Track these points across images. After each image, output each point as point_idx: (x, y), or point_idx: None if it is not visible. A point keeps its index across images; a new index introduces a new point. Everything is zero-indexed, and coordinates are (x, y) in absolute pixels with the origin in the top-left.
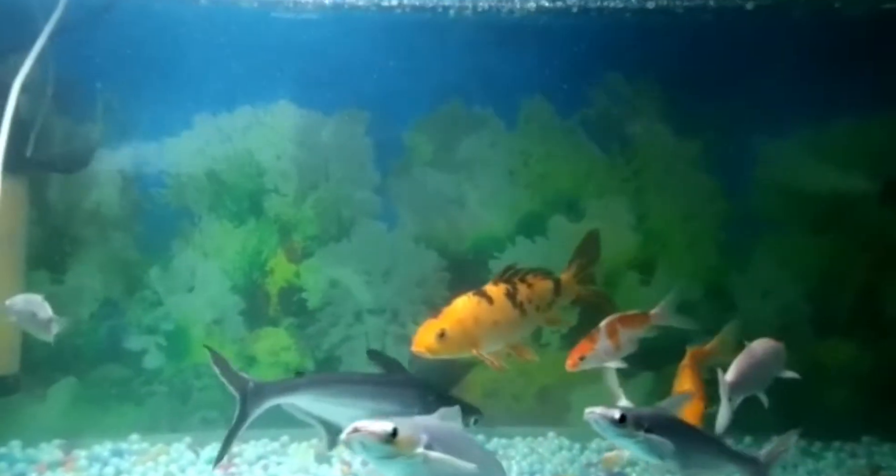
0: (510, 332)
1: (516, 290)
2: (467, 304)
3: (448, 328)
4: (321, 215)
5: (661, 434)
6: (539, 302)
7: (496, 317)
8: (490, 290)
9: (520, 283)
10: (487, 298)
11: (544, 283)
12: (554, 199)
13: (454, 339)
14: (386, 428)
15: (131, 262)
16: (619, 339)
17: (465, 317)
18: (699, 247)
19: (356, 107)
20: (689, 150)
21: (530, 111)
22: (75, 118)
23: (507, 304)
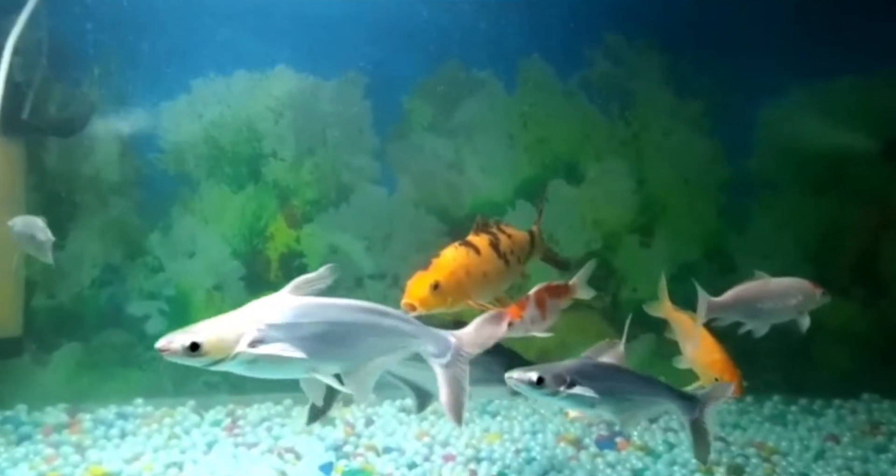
0: (497, 283)
1: (499, 240)
2: (457, 255)
3: (442, 280)
4: (320, 180)
5: (586, 384)
6: (519, 253)
7: (485, 267)
8: (475, 241)
9: (500, 233)
10: (475, 249)
11: (521, 234)
12: (553, 163)
13: (449, 290)
14: (185, 342)
15: (131, 228)
16: (546, 308)
17: (456, 268)
18: (699, 209)
19: (354, 71)
20: (690, 112)
21: (529, 73)
22: (71, 82)
23: (493, 254)
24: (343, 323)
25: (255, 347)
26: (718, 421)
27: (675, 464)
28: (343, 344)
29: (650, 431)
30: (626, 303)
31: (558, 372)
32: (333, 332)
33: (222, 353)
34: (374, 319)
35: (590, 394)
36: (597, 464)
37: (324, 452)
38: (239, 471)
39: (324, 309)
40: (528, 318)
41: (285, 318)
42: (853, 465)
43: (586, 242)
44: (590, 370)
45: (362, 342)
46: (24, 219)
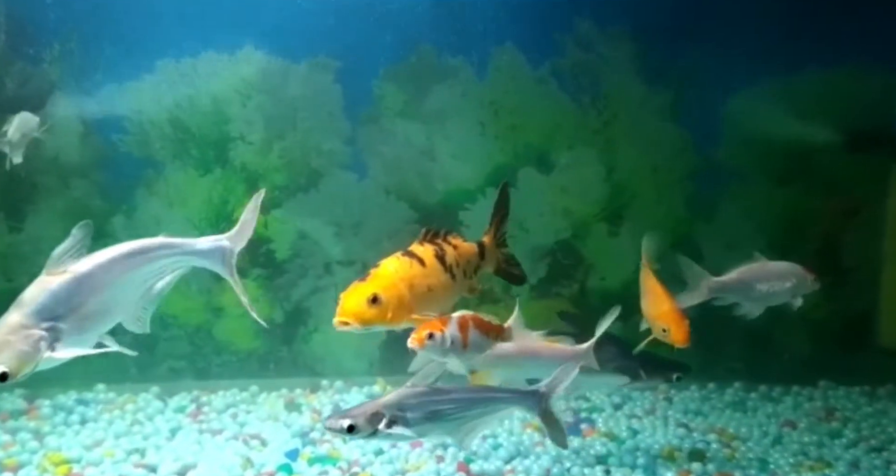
0: (443, 298)
1: (444, 252)
2: (400, 266)
3: (382, 292)
4: (289, 165)
5: (409, 414)
6: (466, 266)
7: (430, 280)
8: (420, 251)
9: (445, 244)
10: (419, 260)
11: (468, 246)
12: (524, 151)
13: (389, 305)
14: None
15: (94, 211)
16: (468, 335)
17: (398, 280)
18: (667, 198)
19: (325, 54)
20: (660, 102)
21: (501, 60)
22: (30, 59)
23: (439, 266)
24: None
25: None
26: (682, 408)
27: (639, 449)
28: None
29: (615, 418)
30: (594, 291)
31: (374, 411)
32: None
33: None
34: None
35: (407, 433)
36: (562, 450)
37: (290, 439)
38: (203, 457)
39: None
40: (448, 335)
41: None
42: (809, 449)
43: (556, 231)
44: (411, 400)
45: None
46: (24, 116)
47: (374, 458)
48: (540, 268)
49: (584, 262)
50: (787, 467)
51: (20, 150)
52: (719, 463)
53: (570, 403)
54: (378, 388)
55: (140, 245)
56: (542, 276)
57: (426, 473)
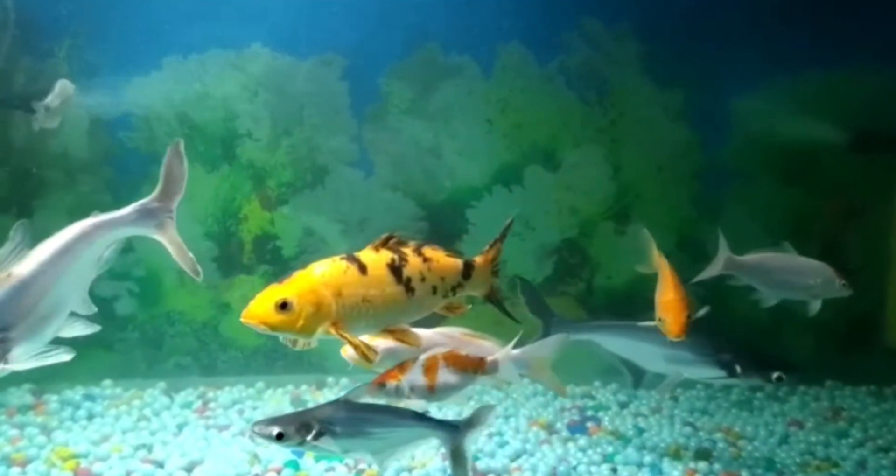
0: (390, 314)
1: (404, 262)
2: (329, 270)
3: (293, 298)
4: (296, 162)
5: (338, 428)
6: (438, 283)
7: (369, 291)
8: (366, 257)
9: (412, 253)
10: (359, 266)
11: (448, 261)
12: (531, 149)
13: (301, 312)
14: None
15: (100, 207)
16: (436, 377)
17: (320, 286)
18: (673, 198)
19: (331, 51)
20: (667, 100)
21: (508, 58)
22: (40, 55)
23: (388, 277)
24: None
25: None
26: (688, 407)
27: (645, 448)
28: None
29: (621, 416)
30: (601, 290)
31: (305, 420)
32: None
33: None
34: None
35: (333, 448)
36: (568, 448)
37: None
38: (210, 453)
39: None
40: (405, 385)
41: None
42: (815, 449)
43: (562, 229)
44: (342, 414)
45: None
46: (64, 84)
47: None
48: (546, 266)
49: (591, 260)
50: (794, 467)
51: (57, 117)
52: (726, 462)
53: (577, 402)
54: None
55: (76, 232)
56: (549, 274)
57: (433, 471)
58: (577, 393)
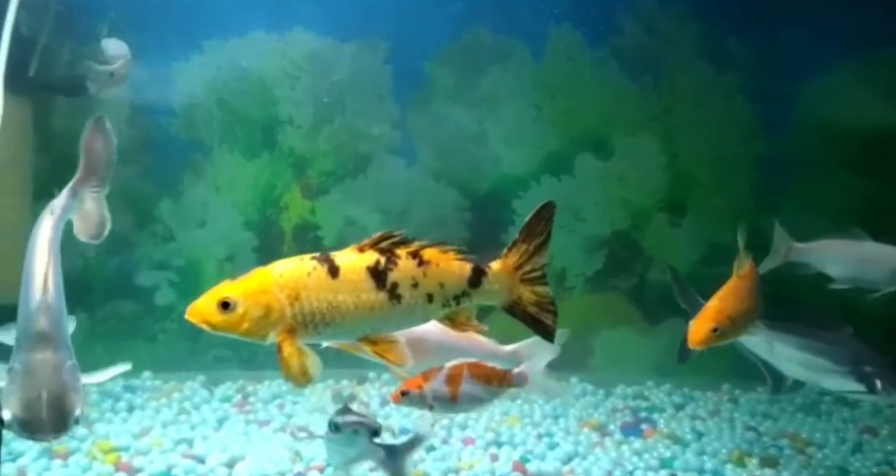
0: (362, 322)
1: (391, 266)
2: (290, 271)
3: (239, 298)
4: (337, 150)
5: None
6: (436, 290)
7: (339, 297)
8: (342, 258)
9: (406, 256)
10: (330, 267)
11: (452, 265)
12: (581, 137)
13: (246, 314)
14: None
15: (141, 195)
16: (459, 388)
17: (275, 287)
18: (732, 187)
19: (375, 35)
20: (726, 85)
21: (558, 41)
22: (79, 40)
23: (366, 282)
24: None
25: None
26: (749, 410)
27: (705, 453)
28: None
29: (677, 419)
30: (653, 285)
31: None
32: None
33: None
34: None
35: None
36: (623, 451)
37: None
38: (251, 449)
39: None
40: (428, 393)
41: None
42: (893, 459)
43: (613, 220)
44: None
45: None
46: (117, 44)
47: (426, 454)
48: (596, 259)
49: (643, 254)
50: None
51: (123, 81)
52: (794, 470)
53: (629, 402)
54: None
55: (51, 234)
56: (598, 268)
57: (480, 473)
58: (628, 393)
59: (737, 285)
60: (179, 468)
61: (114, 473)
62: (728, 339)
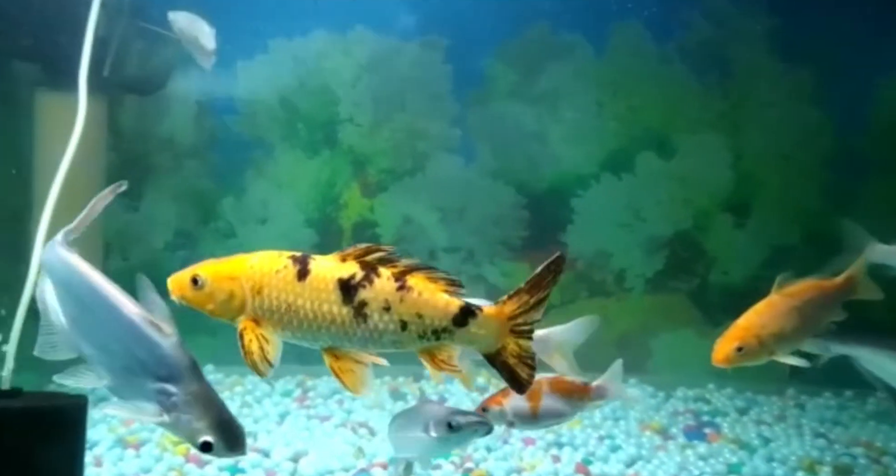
0: (320, 332)
1: (366, 283)
2: (260, 264)
3: (209, 278)
4: (396, 148)
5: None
6: (413, 320)
7: (297, 300)
8: (317, 263)
9: (389, 278)
10: (301, 270)
11: (437, 298)
12: (643, 135)
13: (212, 296)
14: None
15: (205, 192)
16: (539, 403)
17: (242, 277)
18: (800, 187)
19: (436, 33)
20: (797, 82)
21: (622, 37)
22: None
23: (333, 293)
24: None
25: None
26: (817, 416)
27: (774, 460)
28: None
29: (741, 423)
30: (716, 287)
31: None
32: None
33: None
34: None
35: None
36: (687, 455)
37: None
38: (314, 444)
39: None
40: (508, 410)
41: None
42: None
43: (675, 221)
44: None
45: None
46: (188, 16)
47: (487, 453)
48: (656, 260)
49: (706, 255)
50: None
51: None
52: None
53: (689, 405)
54: (482, 379)
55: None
56: (659, 268)
57: (543, 473)
58: (689, 396)
59: (773, 303)
60: (246, 462)
61: (184, 464)
62: (755, 359)
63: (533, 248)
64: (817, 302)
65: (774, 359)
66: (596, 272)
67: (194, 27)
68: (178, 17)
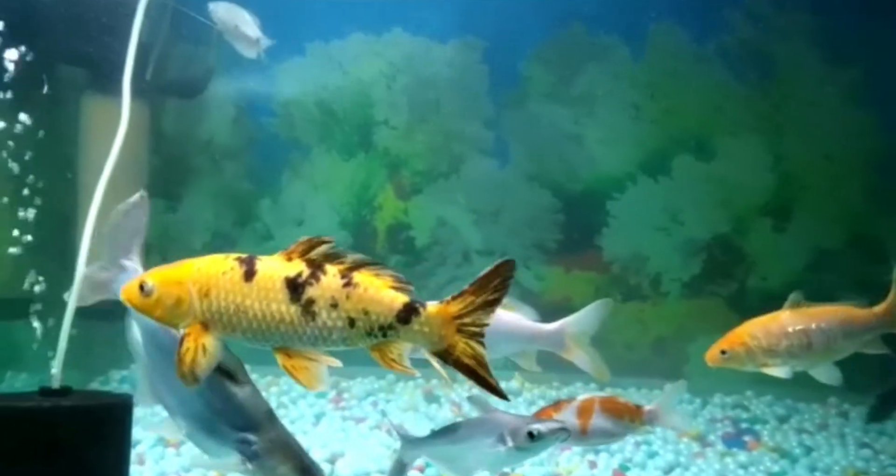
0: (270, 332)
1: (313, 281)
2: (206, 267)
3: (156, 284)
4: (431, 150)
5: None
6: (360, 316)
7: (245, 301)
8: (263, 263)
9: (335, 275)
10: (247, 270)
11: (382, 294)
12: (681, 137)
13: (159, 302)
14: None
15: (242, 194)
16: (590, 421)
17: (187, 280)
18: (844, 190)
19: (472, 34)
20: (842, 82)
21: (660, 38)
22: (191, 43)
23: (280, 292)
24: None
25: None
26: (861, 425)
27: (817, 469)
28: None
29: (782, 431)
30: (755, 292)
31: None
32: None
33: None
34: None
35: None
36: (727, 463)
37: None
38: (350, 446)
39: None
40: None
41: None
42: None
43: (713, 224)
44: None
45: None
46: (228, 6)
47: None
48: (694, 264)
49: (745, 259)
50: None
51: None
52: None
53: (727, 412)
54: (516, 383)
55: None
56: (696, 272)
57: None
58: (727, 403)
59: (777, 317)
60: None
61: None
62: (740, 366)
63: (568, 251)
64: (838, 329)
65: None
66: (631, 276)
67: (235, 16)
68: (218, 8)
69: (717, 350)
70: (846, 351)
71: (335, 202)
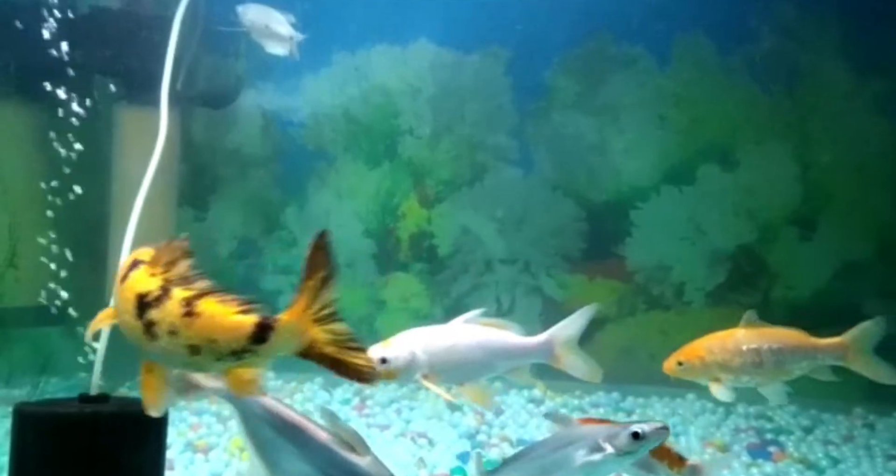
0: (135, 343)
1: (157, 304)
2: (127, 259)
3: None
4: (455, 159)
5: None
6: (204, 344)
7: (116, 302)
8: (135, 271)
9: (179, 302)
10: (125, 272)
11: (227, 322)
12: (706, 147)
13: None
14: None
15: (269, 202)
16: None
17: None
18: (871, 200)
19: (497, 44)
20: (870, 92)
21: (686, 48)
22: (221, 54)
23: (131, 303)
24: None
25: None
26: (888, 437)
27: None
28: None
29: (807, 443)
30: (780, 302)
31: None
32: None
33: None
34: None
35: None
36: (752, 474)
37: (457, 440)
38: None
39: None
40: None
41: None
42: None
43: (738, 234)
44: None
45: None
46: (258, 7)
47: None
48: (718, 273)
49: (770, 269)
50: None
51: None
52: None
53: (751, 422)
54: (538, 391)
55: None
56: (721, 282)
57: None
58: (750, 413)
59: (732, 334)
60: None
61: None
62: (696, 378)
63: (591, 260)
64: (788, 352)
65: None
66: (655, 285)
67: (265, 16)
68: (248, 10)
69: (674, 361)
70: (794, 373)
71: (360, 210)
